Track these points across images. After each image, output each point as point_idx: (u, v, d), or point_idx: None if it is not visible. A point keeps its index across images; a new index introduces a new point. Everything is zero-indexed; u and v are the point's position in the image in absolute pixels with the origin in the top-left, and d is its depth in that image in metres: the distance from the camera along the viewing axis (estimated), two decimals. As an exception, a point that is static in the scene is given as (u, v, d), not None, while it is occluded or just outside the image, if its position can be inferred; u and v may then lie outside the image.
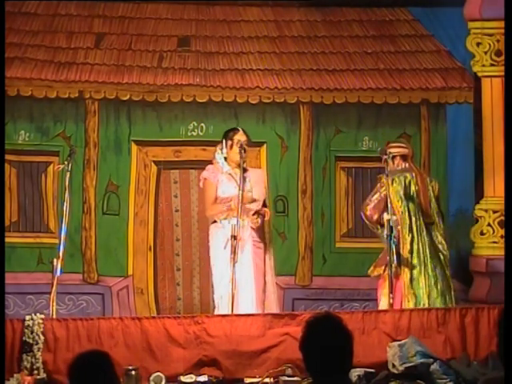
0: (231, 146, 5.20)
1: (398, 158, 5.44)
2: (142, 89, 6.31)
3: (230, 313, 4.99)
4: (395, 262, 5.07)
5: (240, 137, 5.21)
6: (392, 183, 5.30)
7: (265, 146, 6.39)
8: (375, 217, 5.31)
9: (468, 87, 6.38)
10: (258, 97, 6.35)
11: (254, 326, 4.77)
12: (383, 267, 5.21)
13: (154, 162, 6.44)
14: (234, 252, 5.05)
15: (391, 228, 5.10)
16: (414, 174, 5.41)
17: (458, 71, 6.41)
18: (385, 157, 5.29)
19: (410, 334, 4.70)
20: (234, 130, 5.27)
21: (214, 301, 5.25)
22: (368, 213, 5.32)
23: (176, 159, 6.43)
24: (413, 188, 5.37)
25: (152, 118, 6.38)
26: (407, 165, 5.45)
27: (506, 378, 2.74)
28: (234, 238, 5.06)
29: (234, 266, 5.05)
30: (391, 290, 5.06)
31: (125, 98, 6.31)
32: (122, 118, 6.39)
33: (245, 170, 5.24)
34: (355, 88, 6.35)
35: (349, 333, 2.48)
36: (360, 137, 6.34)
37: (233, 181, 5.19)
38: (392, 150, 5.39)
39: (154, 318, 5.24)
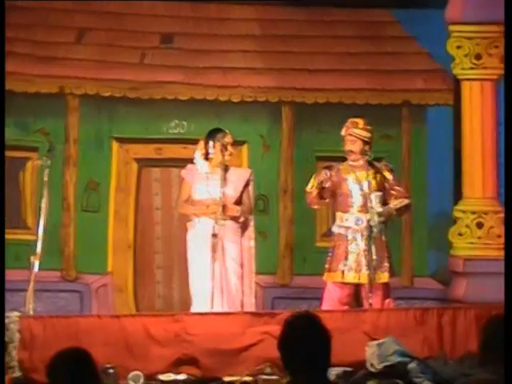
0: (221, 149, 5.18)
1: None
2: (124, 85, 6.28)
3: (209, 311, 4.99)
4: (375, 262, 5.09)
5: (228, 140, 5.21)
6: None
7: (246, 145, 6.40)
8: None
9: (448, 89, 6.42)
10: (241, 95, 6.35)
11: (233, 325, 4.78)
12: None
13: (135, 159, 6.42)
14: (214, 250, 5.07)
15: (371, 227, 5.11)
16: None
17: (439, 73, 6.45)
18: (366, 157, 5.30)
19: (389, 334, 4.73)
20: (223, 132, 5.26)
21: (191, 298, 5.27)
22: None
23: (157, 157, 6.42)
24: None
25: (133, 116, 6.36)
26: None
27: (506, 378, 2.78)
28: (215, 236, 5.08)
29: (214, 264, 5.06)
30: (370, 290, 5.08)
31: (106, 95, 6.28)
32: (102, 115, 6.36)
33: (227, 170, 5.25)
34: (337, 88, 6.37)
35: (327, 332, 2.50)
36: (341, 137, 6.35)
37: (205, 183, 5.20)
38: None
39: (133, 316, 5.23)
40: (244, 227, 5.34)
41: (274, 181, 6.40)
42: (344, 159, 5.37)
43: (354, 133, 5.26)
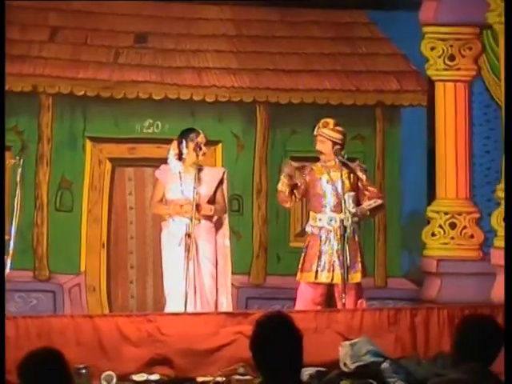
0: (194, 149, 5.18)
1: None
2: (98, 85, 6.25)
3: (182, 311, 4.98)
4: (349, 262, 5.11)
5: (201, 139, 5.21)
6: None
7: (220, 144, 6.39)
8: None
9: (422, 90, 6.47)
10: (215, 95, 6.34)
11: (207, 325, 4.77)
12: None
13: (109, 158, 6.38)
14: (187, 250, 5.06)
15: (345, 228, 5.13)
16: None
17: (413, 74, 6.50)
18: (339, 157, 5.32)
19: (362, 333, 4.75)
20: (196, 132, 5.25)
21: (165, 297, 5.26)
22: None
23: (131, 156, 6.39)
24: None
25: (107, 115, 6.32)
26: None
27: (506, 378, 2.81)
28: (188, 236, 5.07)
29: (187, 263, 5.05)
30: (344, 291, 5.09)
31: (80, 94, 6.24)
32: (76, 114, 6.31)
33: (201, 169, 5.25)
34: (311, 89, 6.38)
35: (299, 332, 2.50)
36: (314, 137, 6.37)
37: (179, 182, 5.20)
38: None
39: (106, 315, 5.20)
40: (218, 226, 5.34)
41: (248, 181, 6.40)
42: (318, 159, 5.39)
43: (324, 133, 5.28)
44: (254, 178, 6.40)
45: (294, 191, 5.31)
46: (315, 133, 5.32)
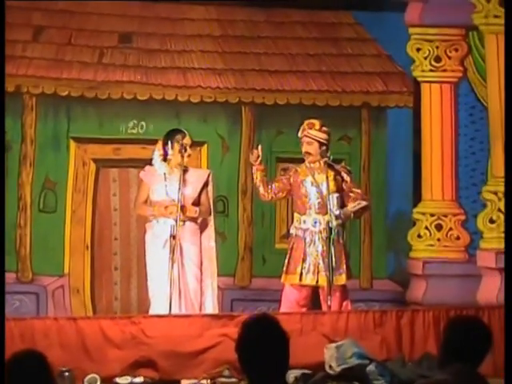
0: (179, 150, 5.15)
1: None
2: (82, 85, 6.21)
3: (167, 313, 4.95)
4: (334, 264, 5.09)
5: (187, 141, 5.19)
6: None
7: (206, 145, 6.37)
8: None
9: (408, 91, 6.47)
10: (200, 96, 6.31)
11: (191, 327, 4.75)
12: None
13: (93, 159, 6.34)
14: (172, 252, 5.03)
15: (331, 230, 5.12)
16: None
17: (399, 76, 6.50)
18: (325, 159, 5.30)
19: (348, 336, 4.74)
20: (181, 133, 5.23)
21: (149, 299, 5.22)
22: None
23: (115, 157, 6.36)
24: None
25: (91, 115, 6.28)
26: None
27: (506, 378, 2.80)
28: (173, 237, 5.04)
29: (172, 265, 5.02)
30: (329, 293, 5.08)
31: (64, 94, 6.20)
32: (60, 114, 6.27)
33: (186, 171, 5.22)
34: (297, 89, 6.37)
35: (285, 334, 2.48)
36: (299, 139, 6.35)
37: (164, 184, 5.17)
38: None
39: (89, 318, 5.16)
40: (203, 227, 5.32)
41: (233, 182, 6.37)
42: (304, 160, 5.37)
43: (310, 134, 5.27)
44: (240, 179, 6.38)
45: (274, 184, 5.31)
46: (300, 134, 5.31)
